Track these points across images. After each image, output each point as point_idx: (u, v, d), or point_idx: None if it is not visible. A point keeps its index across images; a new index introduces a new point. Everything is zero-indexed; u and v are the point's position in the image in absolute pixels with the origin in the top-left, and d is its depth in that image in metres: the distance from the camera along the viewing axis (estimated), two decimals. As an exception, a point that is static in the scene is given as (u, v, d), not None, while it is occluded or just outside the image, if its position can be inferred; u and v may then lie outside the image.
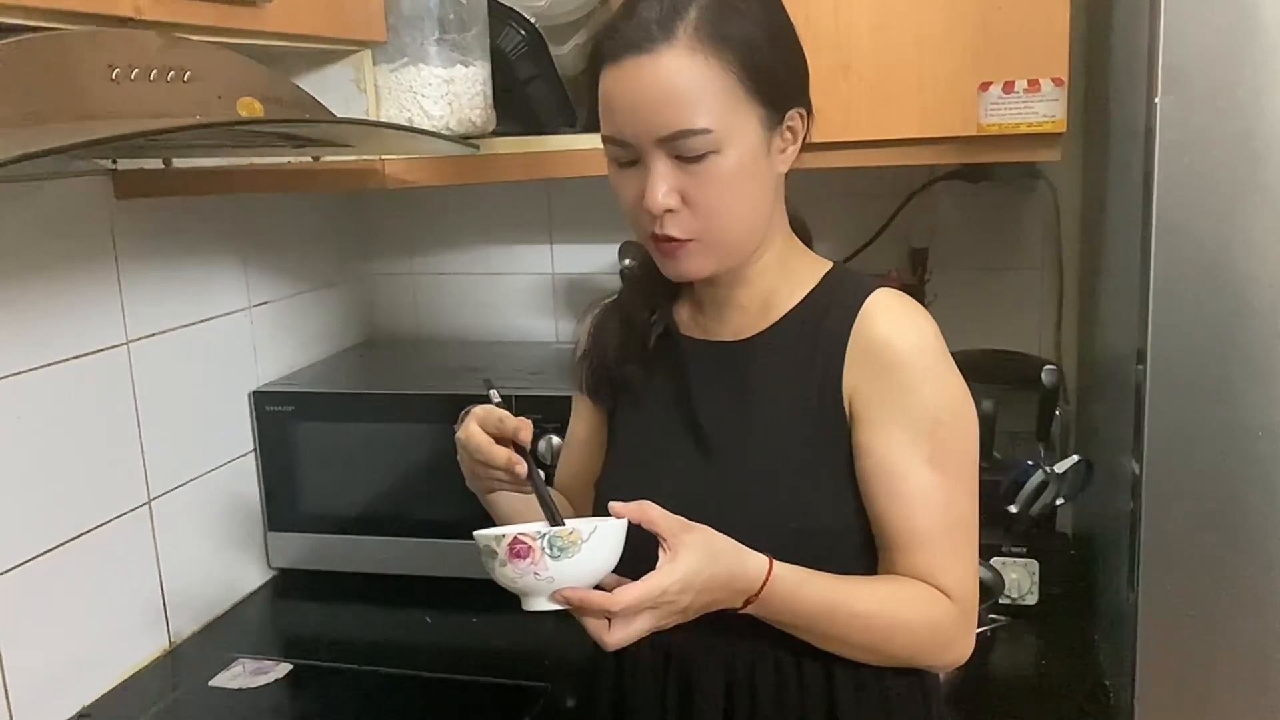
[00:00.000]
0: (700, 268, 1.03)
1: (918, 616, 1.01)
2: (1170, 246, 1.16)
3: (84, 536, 1.46)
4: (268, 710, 1.47)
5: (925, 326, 1.03)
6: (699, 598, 0.93)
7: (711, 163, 0.97)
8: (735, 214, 1.00)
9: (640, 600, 0.90)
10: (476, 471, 1.07)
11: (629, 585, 0.90)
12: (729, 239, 1.02)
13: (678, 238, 1.00)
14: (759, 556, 0.96)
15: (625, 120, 0.98)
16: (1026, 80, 1.41)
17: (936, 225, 1.85)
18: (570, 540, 0.89)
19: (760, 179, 1.01)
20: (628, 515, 0.92)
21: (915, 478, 1.00)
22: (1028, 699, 1.41)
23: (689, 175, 0.97)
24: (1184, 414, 1.19)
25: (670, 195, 0.98)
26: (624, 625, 0.91)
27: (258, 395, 1.79)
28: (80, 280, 1.46)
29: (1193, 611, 1.22)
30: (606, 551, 0.92)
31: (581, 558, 0.90)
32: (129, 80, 0.92)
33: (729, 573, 0.94)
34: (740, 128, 0.97)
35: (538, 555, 0.89)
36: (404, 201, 2.12)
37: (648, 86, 0.95)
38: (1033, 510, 1.55)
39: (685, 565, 0.91)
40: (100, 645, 1.49)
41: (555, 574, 0.89)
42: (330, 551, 1.81)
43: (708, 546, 0.93)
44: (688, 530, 0.93)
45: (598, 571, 0.92)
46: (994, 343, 1.81)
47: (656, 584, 0.90)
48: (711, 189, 0.98)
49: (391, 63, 1.41)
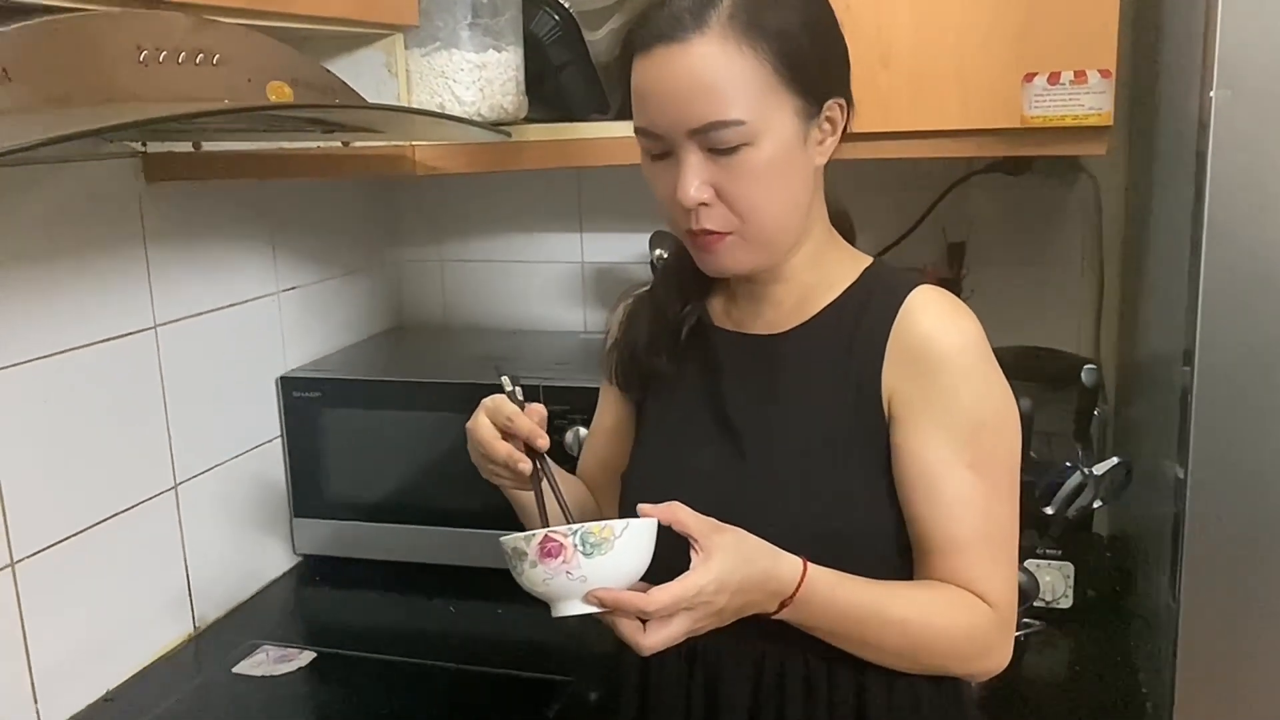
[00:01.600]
0: (738, 263, 1.00)
1: (955, 623, 0.98)
2: (1222, 246, 1.12)
3: (110, 520, 1.45)
4: (290, 698, 1.47)
5: (968, 326, 1.00)
6: (734, 599, 0.91)
7: (745, 155, 0.94)
8: (771, 207, 0.98)
9: (677, 600, 0.87)
10: (480, 464, 1.05)
11: (664, 586, 0.88)
12: (766, 233, 0.99)
13: (714, 230, 0.97)
14: (793, 558, 0.93)
15: (656, 112, 0.95)
16: (1073, 71, 1.37)
17: (975, 219, 1.82)
18: (603, 536, 0.86)
19: (796, 171, 0.98)
20: (657, 516, 0.90)
21: (955, 482, 0.97)
22: (1061, 705, 1.38)
23: (722, 168, 0.95)
24: (1231, 418, 1.15)
25: (703, 189, 0.95)
26: (660, 628, 0.88)
27: (285, 381, 1.78)
28: (109, 264, 1.45)
29: (1235, 621, 1.19)
30: (640, 549, 0.89)
31: (615, 555, 0.87)
32: (157, 63, 0.91)
33: (764, 573, 0.92)
34: (775, 119, 0.95)
35: (570, 553, 0.86)
36: (433, 188, 2.11)
37: (679, 77, 0.93)
38: (1069, 512, 1.52)
39: (719, 565, 0.89)
40: (125, 629, 1.49)
41: (588, 573, 0.87)
42: (355, 539, 1.80)
43: (740, 548, 0.91)
44: (719, 531, 0.91)
45: (632, 572, 0.90)
46: (1031, 340, 1.77)
47: (693, 583, 0.88)
48: (745, 182, 0.95)
49: (423, 47, 1.39)
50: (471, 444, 1.05)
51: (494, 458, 1.01)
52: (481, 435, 1.02)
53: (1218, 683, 1.21)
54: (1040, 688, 1.42)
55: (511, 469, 1.01)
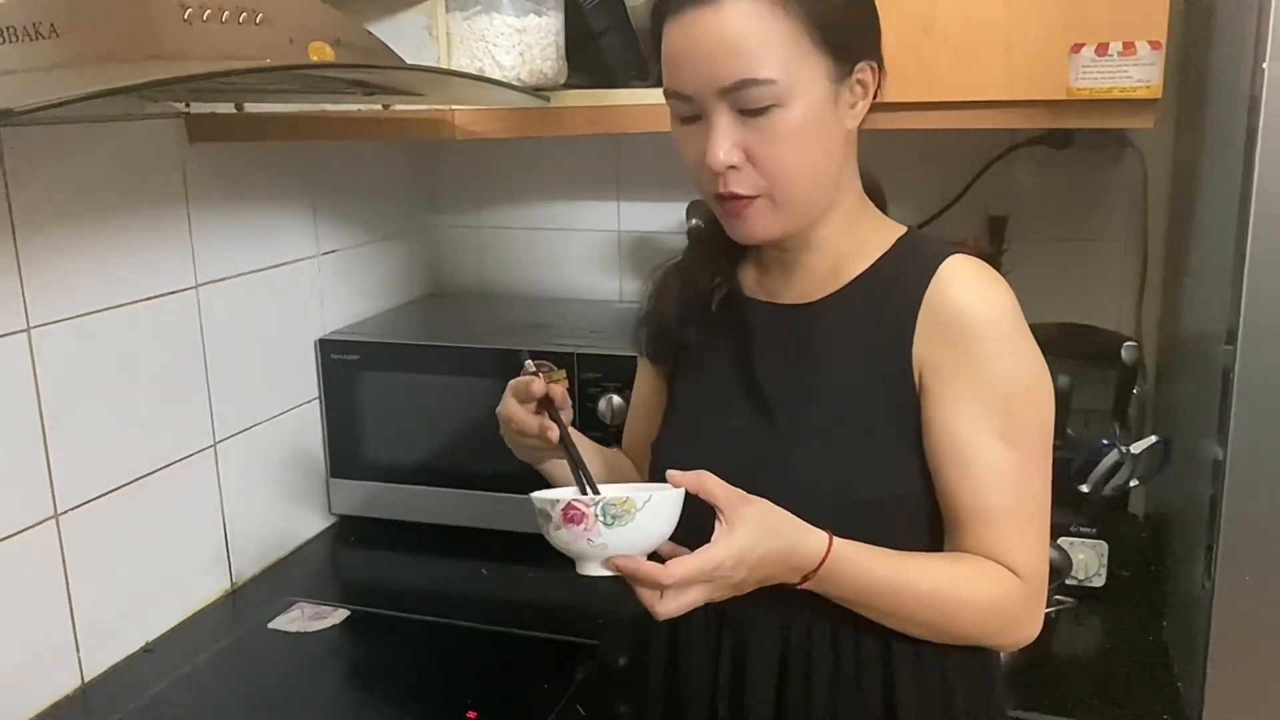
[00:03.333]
0: (767, 227, 1.00)
1: (982, 596, 0.98)
2: (1269, 223, 1.10)
3: (150, 476, 1.48)
4: (324, 654, 1.49)
5: (1002, 296, 0.99)
6: (754, 572, 0.92)
7: (775, 116, 0.94)
8: (801, 170, 0.97)
9: (693, 574, 0.89)
10: (516, 442, 1.10)
11: (683, 558, 0.89)
12: (796, 197, 0.99)
13: (743, 194, 0.97)
14: (818, 533, 0.94)
15: (687, 73, 0.96)
16: (1121, 43, 1.34)
17: (1016, 192, 1.79)
18: (624, 509, 0.88)
19: (827, 134, 0.98)
20: (685, 485, 0.91)
21: (987, 453, 0.97)
22: (1091, 683, 1.37)
23: (752, 130, 0.95)
24: (1275, 398, 1.13)
25: (733, 151, 0.95)
26: (676, 596, 0.90)
27: (323, 343, 1.80)
28: (151, 223, 1.47)
29: (1271, 603, 1.17)
30: (661, 521, 0.91)
31: (635, 526, 0.89)
32: (201, 20, 0.91)
33: (786, 548, 0.92)
34: (806, 80, 0.94)
35: (591, 522, 0.88)
36: (471, 154, 2.11)
37: (709, 36, 0.93)
38: (1105, 491, 1.51)
39: (741, 539, 0.90)
40: (164, 583, 1.52)
41: (609, 541, 0.89)
42: (390, 500, 1.82)
43: (765, 521, 0.92)
44: (746, 503, 0.91)
45: (652, 540, 0.91)
46: (1072, 316, 1.75)
47: (711, 557, 0.89)
48: (776, 144, 0.95)
49: (464, 10, 1.39)
50: (504, 424, 1.10)
51: (527, 430, 1.06)
52: (510, 411, 1.08)
53: (1251, 665, 1.20)
54: (1071, 665, 1.41)
55: (543, 438, 1.05)
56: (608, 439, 1.28)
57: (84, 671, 1.39)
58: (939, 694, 1.04)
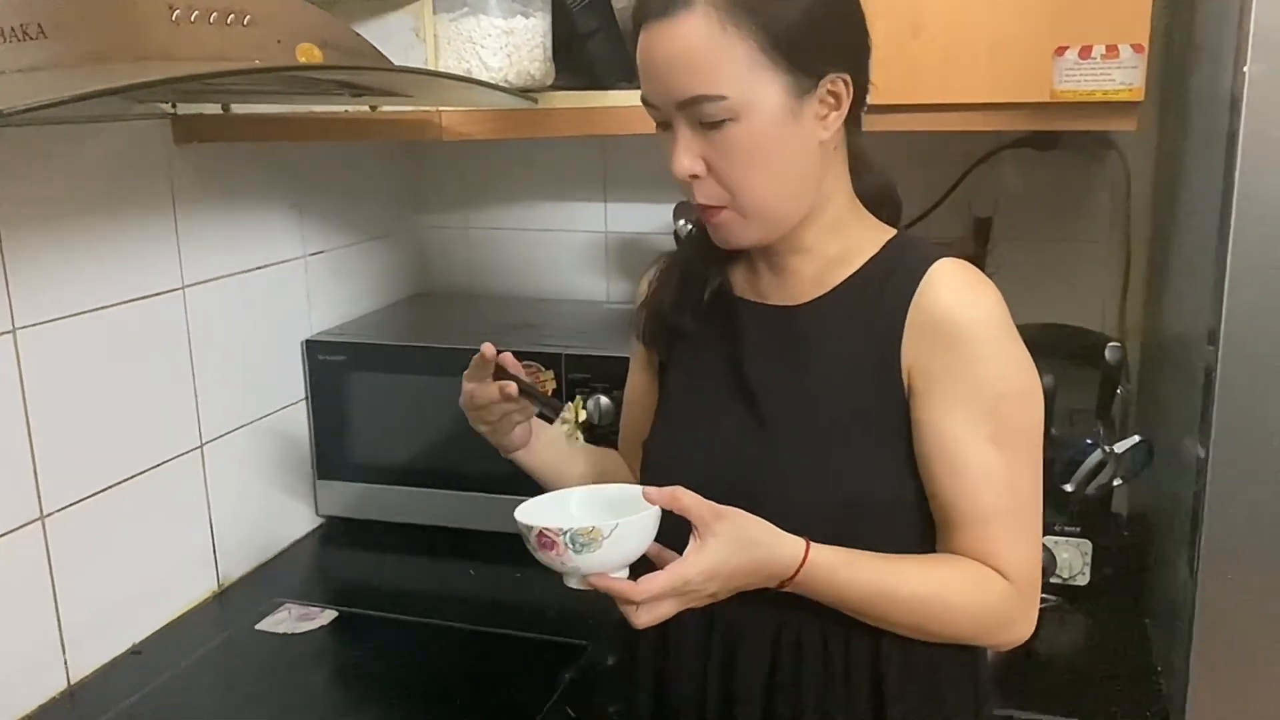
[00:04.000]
0: (738, 236, 1.02)
1: (969, 600, 0.99)
2: (1251, 224, 1.11)
3: (137, 478, 1.48)
4: (312, 655, 1.49)
5: (990, 298, 1.00)
6: (727, 583, 0.95)
7: (731, 130, 0.96)
8: (760, 183, 0.99)
9: (662, 590, 0.92)
10: (482, 418, 1.14)
11: (653, 575, 0.92)
12: (759, 208, 1.00)
13: (707, 204, 1.00)
14: (795, 542, 0.95)
15: (650, 83, 0.99)
16: (1104, 46, 1.36)
17: (1001, 194, 1.80)
18: (591, 538, 0.91)
19: (790, 147, 0.98)
20: (660, 503, 0.93)
21: (977, 456, 0.97)
22: (1075, 680, 1.38)
23: (711, 143, 0.97)
24: (1255, 398, 1.15)
25: (695, 162, 0.98)
26: (650, 609, 0.94)
27: (310, 344, 1.80)
28: (137, 224, 1.46)
29: (1253, 601, 1.19)
30: (630, 544, 0.94)
31: (603, 552, 0.92)
32: (188, 22, 0.92)
33: (759, 560, 0.95)
34: (760, 96, 0.95)
35: (561, 549, 0.92)
36: (459, 154, 2.11)
37: (667, 51, 0.95)
38: (1089, 490, 1.52)
39: (711, 555, 0.93)
40: (151, 585, 1.52)
41: (580, 565, 0.93)
42: (378, 501, 1.82)
43: (738, 536, 0.94)
44: (719, 519, 0.93)
45: (625, 559, 0.94)
46: (1056, 317, 1.77)
47: (680, 574, 0.92)
48: (732, 157, 0.97)
49: (451, 12, 1.39)
50: (469, 411, 1.15)
51: (488, 398, 1.11)
52: (468, 390, 1.13)
53: (1233, 663, 1.21)
54: (1055, 663, 1.43)
55: (505, 397, 1.10)
56: (596, 439, 1.29)
57: (71, 673, 1.39)
58: (928, 692, 1.04)
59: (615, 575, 0.94)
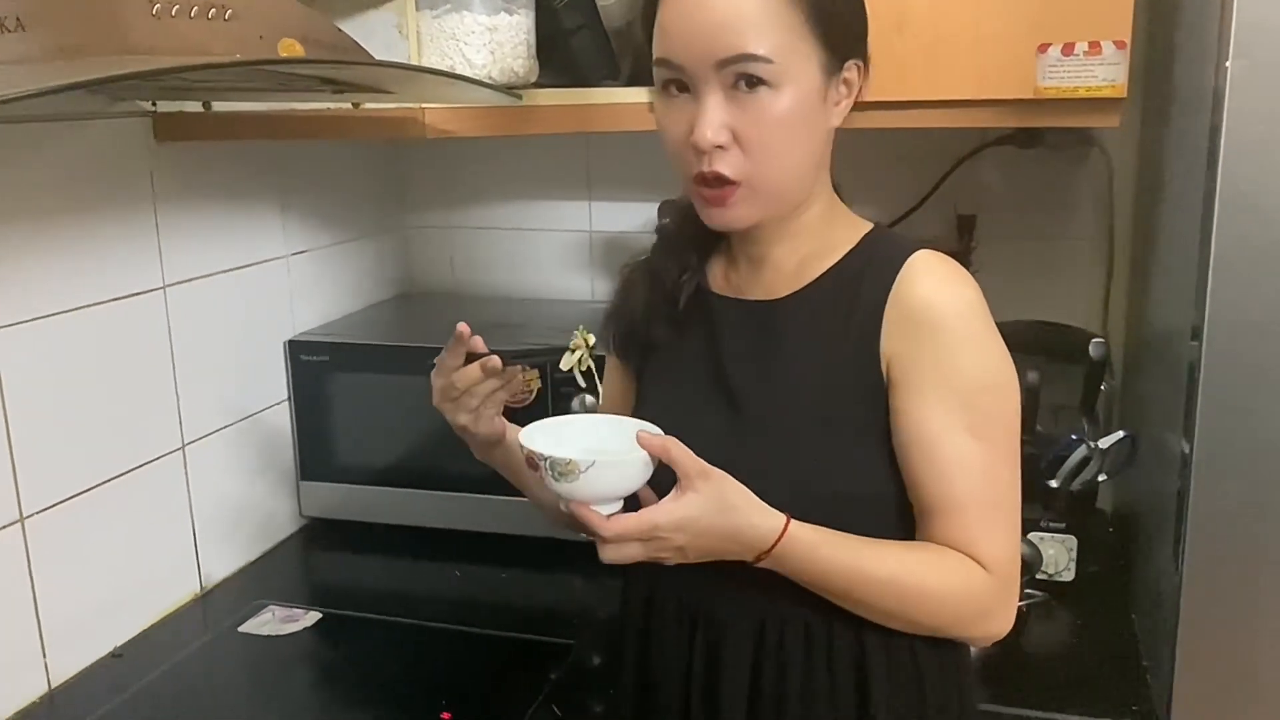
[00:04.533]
0: (744, 216, 1.00)
1: (948, 586, 0.99)
2: (1233, 220, 1.12)
3: (118, 479, 1.46)
4: (296, 657, 1.48)
5: (967, 289, 1.00)
6: (696, 541, 0.94)
7: (767, 98, 0.95)
8: (785, 158, 0.98)
9: (629, 531, 0.93)
10: (464, 406, 1.09)
11: (622, 515, 0.93)
12: (777, 185, 0.99)
13: (727, 176, 0.97)
14: (775, 516, 0.95)
15: (684, 41, 0.96)
16: (1087, 42, 1.36)
17: (985, 191, 1.81)
18: (569, 469, 0.93)
19: (813, 126, 0.99)
20: (650, 450, 0.93)
21: (953, 445, 0.97)
22: (1062, 676, 1.38)
23: (742, 110, 0.95)
24: (1238, 393, 1.15)
25: (721, 130, 0.96)
26: (616, 549, 0.94)
27: (293, 344, 1.78)
28: (118, 223, 1.45)
29: (1237, 595, 1.19)
30: (609, 482, 0.95)
31: (582, 484, 0.93)
32: (169, 15, 0.91)
33: (735, 526, 0.94)
34: (800, 66, 0.95)
35: (544, 473, 0.94)
36: (442, 154, 2.10)
37: (714, 6, 0.94)
38: (1074, 486, 1.52)
39: (685, 509, 0.93)
40: (133, 587, 1.50)
41: (561, 491, 0.95)
42: (361, 502, 1.81)
43: (718, 497, 0.94)
44: (704, 477, 0.93)
45: (607, 494, 0.95)
46: (1040, 313, 1.77)
47: (649, 519, 0.93)
48: (764, 126, 0.96)
49: (434, 9, 1.38)
50: (447, 402, 1.09)
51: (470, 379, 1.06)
52: (444, 384, 1.08)
53: (1218, 658, 1.21)
54: (1041, 658, 1.43)
55: (488, 370, 1.05)
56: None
57: (51, 677, 1.38)
58: (912, 687, 1.04)
59: (603, 508, 0.95)
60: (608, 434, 1.02)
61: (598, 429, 1.04)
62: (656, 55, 0.98)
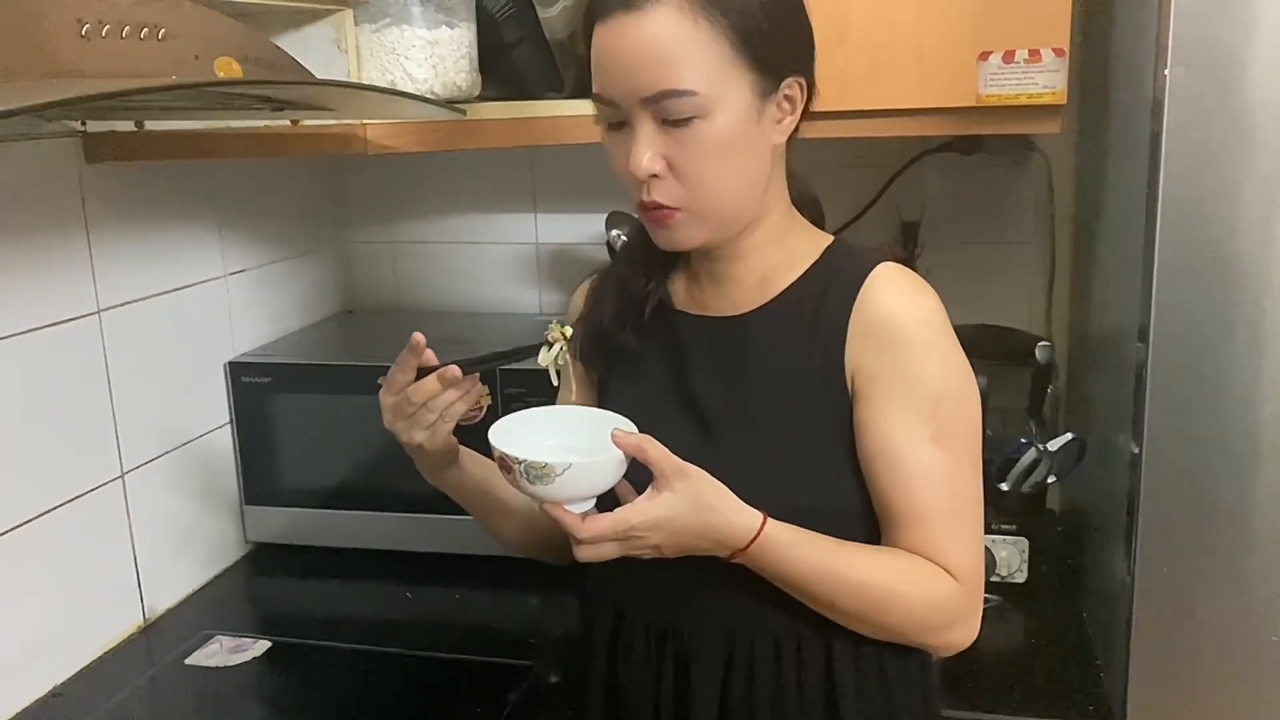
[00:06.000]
0: (690, 238, 1.00)
1: (917, 590, 0.99)
2: (1176, 224, 1.13)
3: (55, 511, 1.41)
4: (247, 688, 1.44)
5: (929, 302, 1.01)
6: (672, 538, 0.94)
7: (697, 128, 0.94)
8: (722, 183, 0.98)
9: (605, 533, 0.93)
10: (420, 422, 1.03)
11: (598, 516, 0.93)
12: (717, 209, 0.99)
13: (664, 205, 0.97)
14: (751, 514, 0.95)
15: (612, 79, 0.95)
16: (1027, 50, 1.38)
17: (927, 198, 1.82)
18: (544, 472, 0.92)
19: (750, 148, 0.98)
20: (625, 449, 0.92)
21: (918, 455, 0.98)
22: (1018, 677, 1.39)
23: (675, 141, 0.95)
24: (1185, 393, 1.17)
25: (655, 160, 0.95)
26: (592, 548, 0.94)
27: (234, 366, 1.74)
28: (49, 247, 1.40)
29: (1190, 594, 1.21)
30: (583, 484, 0.94)
31: (556, 487, 0.93)
32: (100, 37, 0.87)
33: (710, 525, 0.94)
34: (729, 93, 0.94)
35: (517, 476, 0.93)
36: (382, 168, 2.07)
37: (634, 44, 0.93)
38: (1024, 488, 1.54)
39: (661, 508, 0.93)
40: (73, 622, 1.45)
41: (536, 493, 0.94)
42: (308, 526, 1.77)
43: (695, 497, 0.93)
44: (680, 475, 0.93)
45: (581, 494, 0.95)
46: (984, 317, 1.79)
47: (624, 519, 0.92)
48: (697, 156, 0.95)
49: (373, 23, 1.36)
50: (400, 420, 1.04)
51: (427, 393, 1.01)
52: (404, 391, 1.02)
53: (1171, 655, 1.23)
54: (998, 661, 1.43)
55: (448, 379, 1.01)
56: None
57: (-12, 720, 1.33)
58: (880, 699, 1.04)
59: (576, 507, 0.94)
60: (576, 428, 1.01)
61: (566, 422, 1.03)
62: (593, 91, 0.98)
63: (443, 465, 1.11)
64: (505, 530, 1.18)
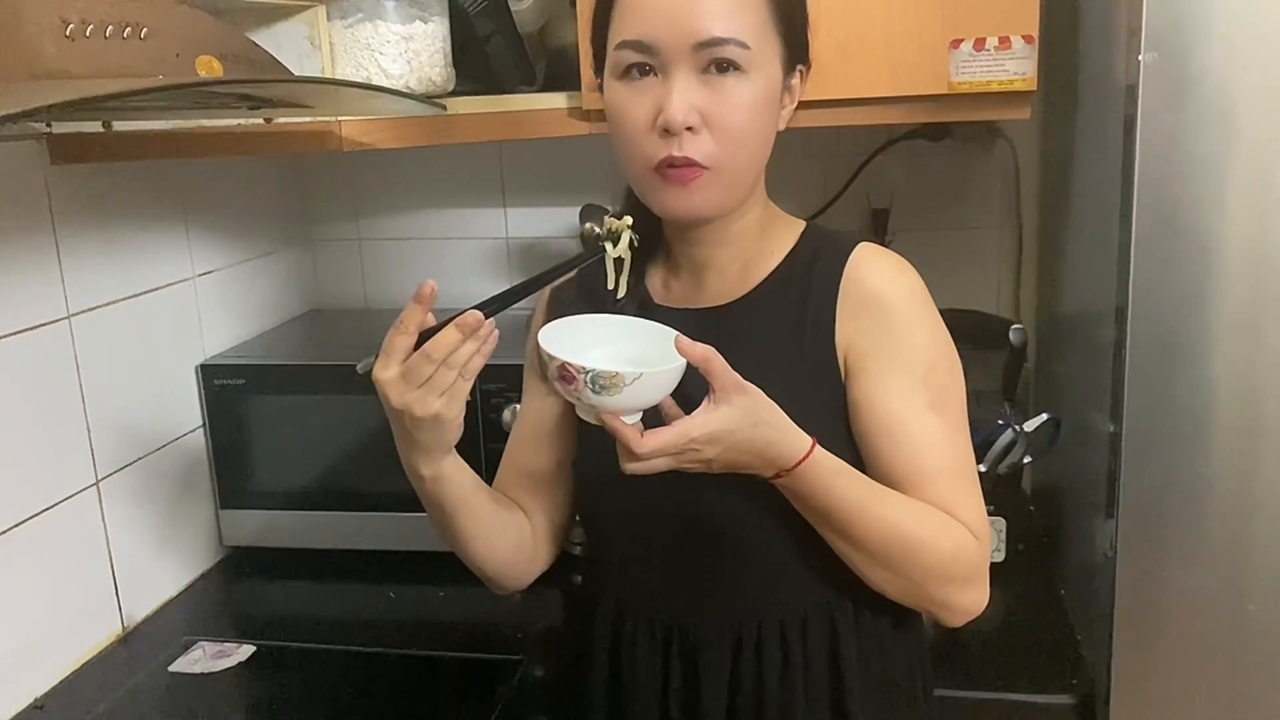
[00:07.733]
0: (704, 202, 0.99)
1: (945, 537, 0.98)
2: (1151, 206, 1.15)
3: (30, 521, 1.39)
4: (232, 694, 1.43)
5: (912, 275, 1.04)
6: (726, 453, 0.92)
7: (737, 82, 0.95)
8: (749, 146, 0.99)
9: (665, 446, 0.89)
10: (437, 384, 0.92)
11: (658, 431, 0.89)
12: (739, 173, 1.00)
13: (695, 160, 0.96)
14: (802, 436, 0.94)
15: (659, 21, 0.95)
16: (998, 37, 1.40)
17: (897, 185, 1.84)
18: (613, 382, 0.89)
19: (770, 122, 1.01)
20: (690, 358, 0.89)
21: (918, 422, 0.99)
22: (1001, 655, 1.41)
23: (713, 93, 0.95)
24: (1162, 371, 1.19)
25: (692, 112, 0.95)
26: (645, 463, 0.90)
27: (206, 368, 1.72)
28: (15, 252, 1.37)
29: (1171, 569, 1.23)
30: (649, 392, 0.91)
31: (623, 397, 0.89)
32: (84, 37, 0.86)
33: (764, 441, 0.92)
34: (768, 58, 0.98)
35: (580, 386, 0.89)
36: (349, 165, 2.05)
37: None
38: (1001, 469, 1.56)
39: (720, 421, 0.90)
40: (51, 633, 1.43)
41: (596, 404, 0.90)
42: (285, 528, 1.75)
43: (751, 412, 0.91)
44: (740, 391, 0.90)
45: (642, 404, 0.92)
46: (955, 302, 1.79)
47: (685, 432, 0.89)
48: (734, 109, 0.96)
49: (346, 19, 1.35)
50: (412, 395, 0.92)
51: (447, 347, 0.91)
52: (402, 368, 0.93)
53: (1154, 629, 1.25)
54: (979, 638, 1.46)
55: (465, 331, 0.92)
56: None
57: (-31, 736, 1.30)
58: (881, 679, 1.06)
59: (629, 419, 0.91)
60: (617, 336, 0.99)
61: (609, 331, 1.00)
62: (622, 38, 0.97)
63: (449, 444, 0.99)
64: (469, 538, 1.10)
